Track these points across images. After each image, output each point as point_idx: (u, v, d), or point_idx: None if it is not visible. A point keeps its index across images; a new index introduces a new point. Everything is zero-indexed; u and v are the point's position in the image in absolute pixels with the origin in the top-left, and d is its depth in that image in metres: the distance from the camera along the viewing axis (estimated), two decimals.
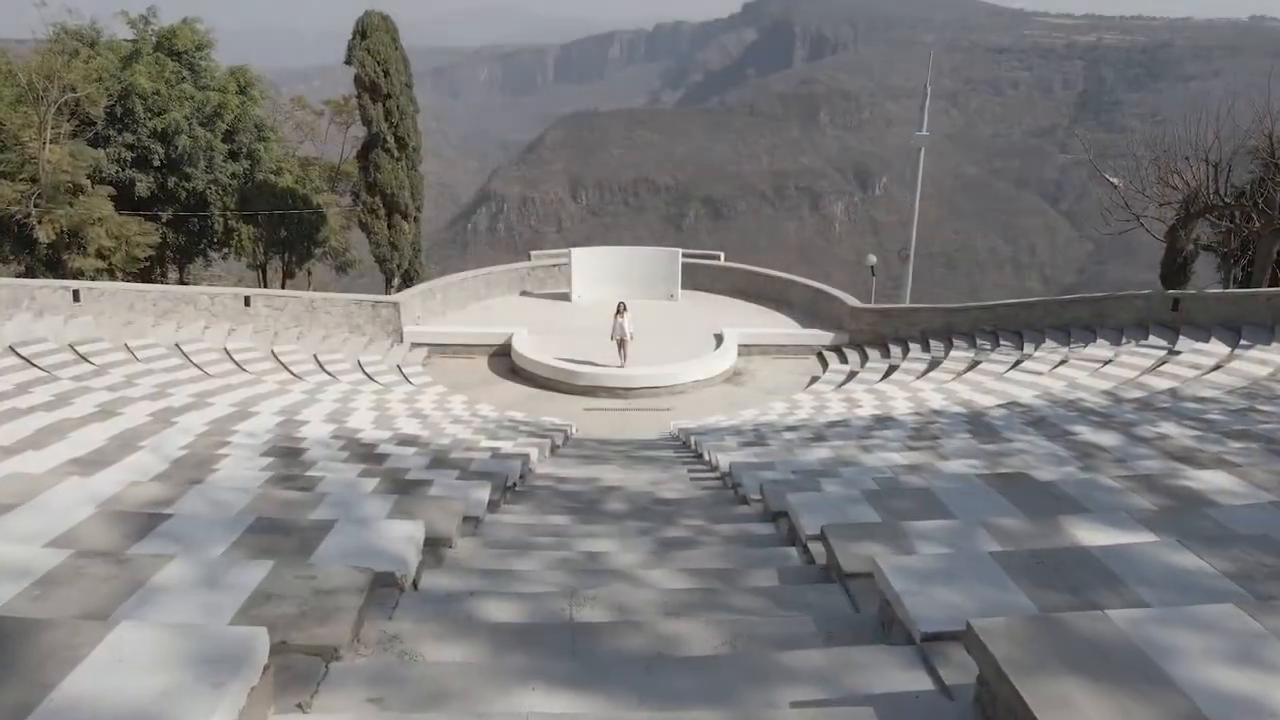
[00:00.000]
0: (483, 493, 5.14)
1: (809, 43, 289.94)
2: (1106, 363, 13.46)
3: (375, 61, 21.20)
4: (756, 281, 23.85)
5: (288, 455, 6.66)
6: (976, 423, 9.77)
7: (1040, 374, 14.00)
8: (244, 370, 14.88)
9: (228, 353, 15.84)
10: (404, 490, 5.14)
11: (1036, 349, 15.95)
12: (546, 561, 3.99)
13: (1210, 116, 15.19)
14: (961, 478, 5.36)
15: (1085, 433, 7.81)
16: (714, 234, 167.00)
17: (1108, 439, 7.16)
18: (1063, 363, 14.29)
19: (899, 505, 4.37)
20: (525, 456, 7.68)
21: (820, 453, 7.78)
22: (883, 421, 11.37)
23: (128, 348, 14.20)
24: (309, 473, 5.74)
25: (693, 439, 10.66)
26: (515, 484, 6.63)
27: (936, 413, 11.55)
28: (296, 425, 9.13)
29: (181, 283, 26.48)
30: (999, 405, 11.45)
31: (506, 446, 8.84)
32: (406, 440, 8.53)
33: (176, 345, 15.38)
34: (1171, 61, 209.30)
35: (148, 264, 22.92)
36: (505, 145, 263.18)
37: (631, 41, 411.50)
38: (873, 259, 29.42)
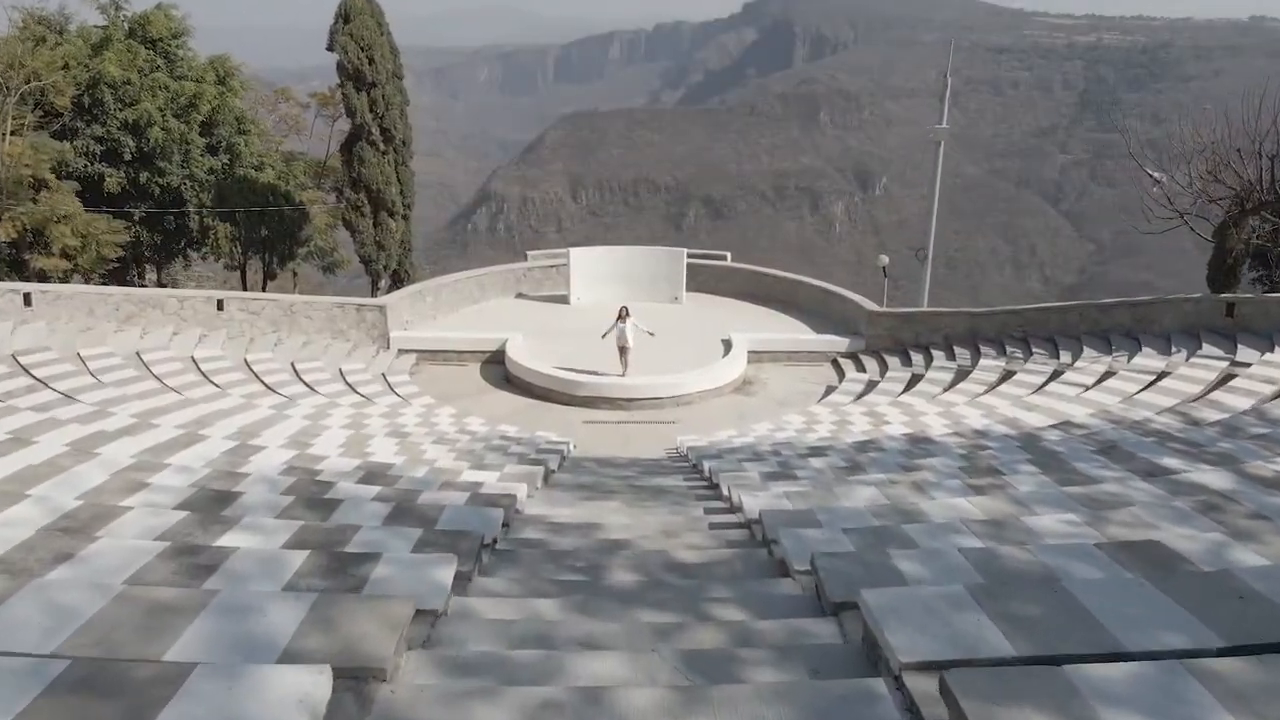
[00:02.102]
0: (445, 573, 3.85)
1: (809, 42, 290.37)
2: (1161, 375, 12.17)
3: (359, 47, 19.83)
4: (764, 283, 22.59)
5: (212, 505, 5.37)
6: (1034, 449, 8.47)
7: (1085, 387, 12.71)
8: (210, 382, 13.58)
9: (194, 362, 14.53)
10: (338, 570, 3.84)
11: (1075, 359, 14.65)
12: (524, 708, 2.70)
13: (1267, 105, 13.90)
14: (1079, 552, 4.06)
15: (1182, 470, 6.52)
16: (714, 234, 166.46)
17: (1218, 480, 5.85)
18: (1109, 375, 12.99)
19: (1027, 613, 3.08)
20: (511, 498, 6.38)
21: (865, 492, 6.49)
22: (919, 444, 10.07)
23: (80, 357, 12.89)
24: (222, 540, 4.45)
25: (705, 465, 9.36)
26: (496, 540, 5.33)
27: (980, 434, 10.26)
28: (247, 454, 7.83)
29: (160, 284, 25.19)
30: (1051, 426, 10.16)
31: (491, 480, 7.54)
32: (372, 474, 7.23)
33: (137, 354, 14.08)
34: (1172, 62, 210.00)
35: (118, 264, 21.55)
36: (505, 145, 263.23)
37: (631, 41, 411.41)
38: (884, 259, 28.20)
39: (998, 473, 7.23)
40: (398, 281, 24.50)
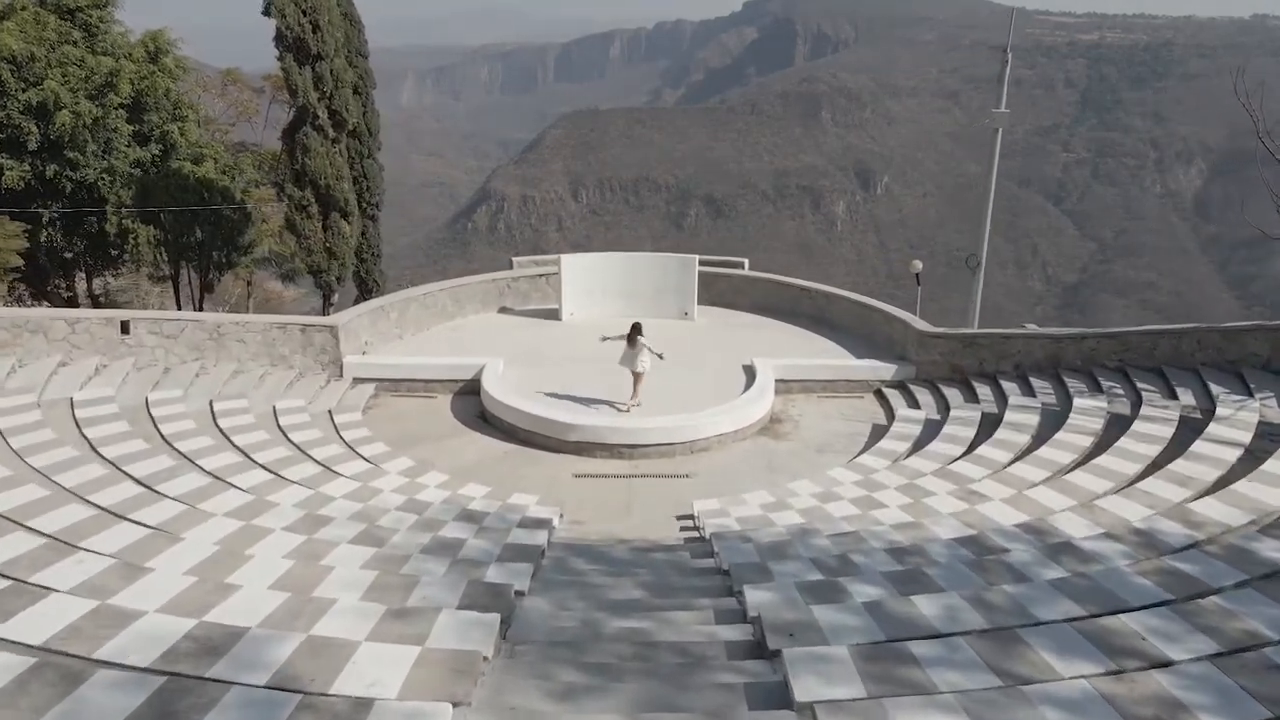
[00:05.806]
0: None
1: (810, 41, 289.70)
2: None
3: (300, 11, 16.45)
4: (790, 296, 19.38)
5: None
6: None
7: (1244, 447, 9.47)
8: (81, 435, 10.33)
9: (71, 406, 11.29)
10: None
11: (1203, 402, 11.43)
12: None
13: None
14: None
15: None
16: (715, 233, 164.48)
17: None
18: (1275, 429, 9.74)
19: None
20: None
21: None
22: (1062, 556, 6.82)
23: None
24: None
25: (748, 595, 6.13)
26: None
27: (1144, 537, 7.00)
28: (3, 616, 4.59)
29: (92, 298, 21.90)
30: (1250, 521, 6.91)
31: (398, 677, 4.29)
32: (172, 693, 3.97)
33: None
34: (1174, 60, 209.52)
35: (20, 273, 18.15)
36: (505, 144, 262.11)
37: (632, 40, 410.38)
38: (918, 265, 24.94)
39: None
40: (366, 293, 21.26)
